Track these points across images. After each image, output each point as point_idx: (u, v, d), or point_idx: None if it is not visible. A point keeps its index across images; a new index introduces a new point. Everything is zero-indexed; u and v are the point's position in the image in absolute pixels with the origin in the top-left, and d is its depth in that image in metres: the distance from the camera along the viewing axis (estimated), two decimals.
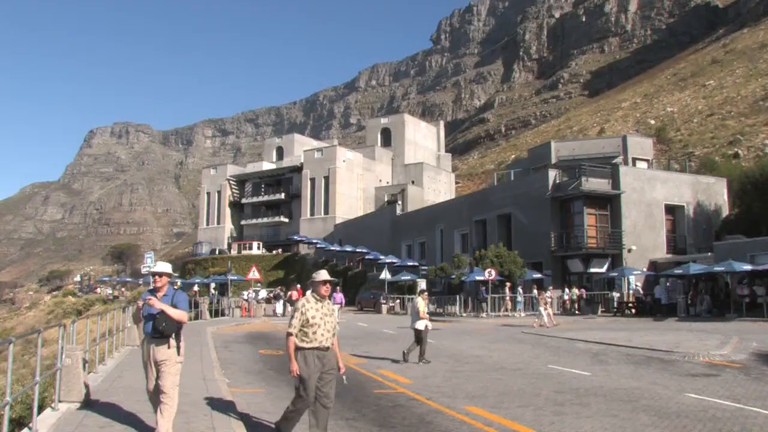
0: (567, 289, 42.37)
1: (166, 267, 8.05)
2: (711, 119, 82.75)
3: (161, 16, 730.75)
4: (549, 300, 32.60)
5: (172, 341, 7.76)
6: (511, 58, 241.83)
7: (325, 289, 7.99)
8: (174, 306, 7.69)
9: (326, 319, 7.83)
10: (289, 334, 7.78)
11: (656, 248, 44.15)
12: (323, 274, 8.00)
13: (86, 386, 10.08)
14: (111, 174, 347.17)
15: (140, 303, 7.86)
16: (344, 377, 8.32)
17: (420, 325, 17.95)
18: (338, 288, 38.05)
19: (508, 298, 40.93)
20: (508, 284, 40.96)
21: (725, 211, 48.02)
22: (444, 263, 49.83)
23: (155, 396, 7.83)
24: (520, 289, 41.89)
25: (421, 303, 18.35)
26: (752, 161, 56.92)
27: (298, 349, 7.73)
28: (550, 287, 38.52)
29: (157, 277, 7.86)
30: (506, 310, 40.64)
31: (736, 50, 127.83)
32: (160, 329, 7.63)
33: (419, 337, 17.79)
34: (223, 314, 43.42)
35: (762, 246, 35.95)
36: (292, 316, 7.82)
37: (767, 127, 69.25)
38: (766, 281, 33.49)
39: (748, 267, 33.31)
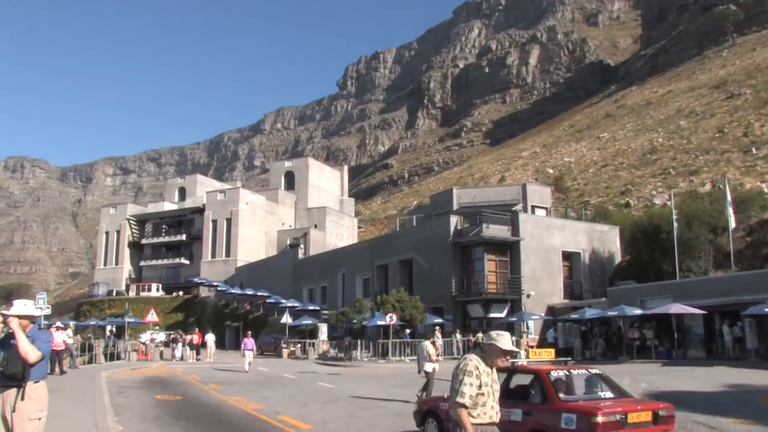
0: (459, 335, 42.57)
1: (27, 309, 6.73)
2: (605, 170, 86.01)
3: (62, 46, 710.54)
4: (530, 344, 33.02)
5: (28, 391, 6.53)
6: (416, 106, 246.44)
7: (501, 362, 6.40)
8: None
9: (495, 387, 6.31)
10: (462, 406, 6.01)
11: (554, 293, 45.27)
12: (507, 341, 6.32)
13: None
14: (2, 210, 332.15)
15: None
16: None
17: (428, 367, 18.88)
18: (249, 333, 37.14)
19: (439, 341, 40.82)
20: (437, 329, 40.96)
21: (618, 258, 49.79)
22: (345, 308, 49.68)
23: None
24: (438, 334, 41.95)
25: (430, 346, 19.12)
26: (642, 211, 59.33)
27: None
28: (525, 332, 38.66)
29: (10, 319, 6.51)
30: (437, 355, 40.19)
31: (626, 106, 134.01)
32: (1, 368, 6.47)
33: (428, 379, 18.54)
34: (119, 358, 41.95)
35: (650, 291, 37.49)
36: (461, 382, 6.05)
37: (654, 178, 72.48)
38: (655, 325, 34.83)
39: (638, 311, 34.68)
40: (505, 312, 43.72)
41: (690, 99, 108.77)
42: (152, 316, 46.21)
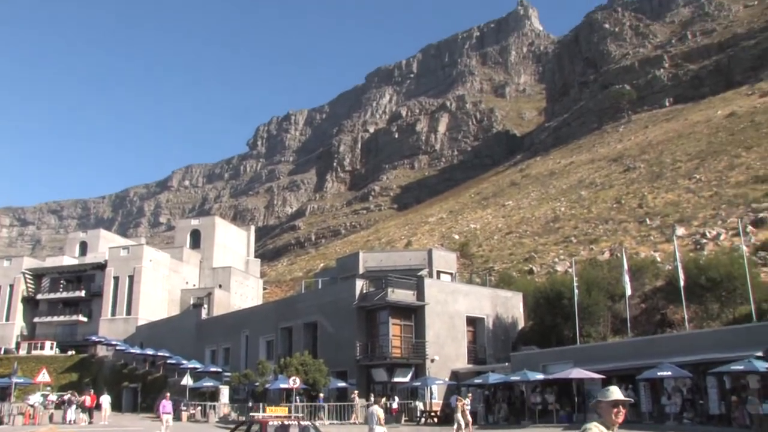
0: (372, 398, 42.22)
1: None
2: (509, 237, 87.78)
3: None
4: (467, 407, 32.63)
5: None
6: (325, 169, 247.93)
7: (616, 413, 5.88)
8: None
9: None
10: None
11: (458, 358, 45.43)
12: (615, 392, 5.98)
13: None
14: None
15: None
16: None
17: (379, 430, 19.94)
18: (167, 395, 35.44)
19: (358, 405, 40.18)
20: (356, 392, 40.28)
21: (521, 324, 50.53)
22: (248, 370, 48.64)
23: None
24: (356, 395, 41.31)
25: (380, 410, 19.60)
26: (544, 277, 60.58)
27: None
28: (469, 394, 38.22)
29: None
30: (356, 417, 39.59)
31: (530, 175, 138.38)
32: None
33: None
34: (1, 422, 39.58)
35: (552, 356, 38.14)
36: None
37: (557, 246, 74.45)
38: (556, 389, 35.39)
39: (540, 376, 35.19)
40: (409, 376, 43.60)
41: (590, 170, 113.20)
42: (44, 376, 44.06)
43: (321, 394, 40.81)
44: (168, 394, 35.34)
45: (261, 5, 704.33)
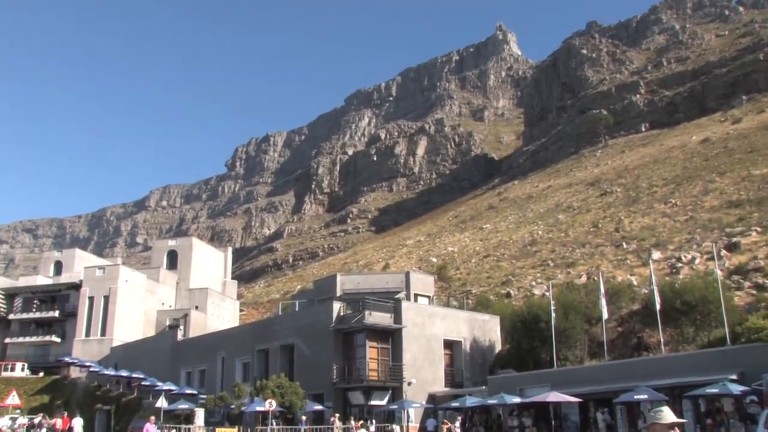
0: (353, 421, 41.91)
1: None
2: (487, 260, 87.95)
3: None
4: (458, 430, 32.42)
5: None
6: (303, 190, 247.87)
7: None
8: None
9: None
10: None
11: (435, 381, 45.31)
12: (669, 414, 5.90)
13: None
14: None
15: None
16: None
17: None
18: (152, 419, 34.83)
19: (337, 428, 39.89)
20: (337, 415, 40.02)
21: (498, 347, 50.56)
22: (224, 392, 48.21)
23: None
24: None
25: None
26: (521, 301, 60.69)
27: None
28: (459, 417, 37.83)
29: None
30: None
31: (508, 199, 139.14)
32: None
33: None
34: None
35: (529, 380, 38.21)
36: None
37: (534, 269, 74.68)
38: (533, 412, 35.37)
39: (517, 399, 35.22)
40: (386, 400, 43.39)
41: (568, 194, 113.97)
42: (13, 399, 43.34)
43: (303, 417, 40.46)
44: (153, 418, 34.96)
45: (242, 26, 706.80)
